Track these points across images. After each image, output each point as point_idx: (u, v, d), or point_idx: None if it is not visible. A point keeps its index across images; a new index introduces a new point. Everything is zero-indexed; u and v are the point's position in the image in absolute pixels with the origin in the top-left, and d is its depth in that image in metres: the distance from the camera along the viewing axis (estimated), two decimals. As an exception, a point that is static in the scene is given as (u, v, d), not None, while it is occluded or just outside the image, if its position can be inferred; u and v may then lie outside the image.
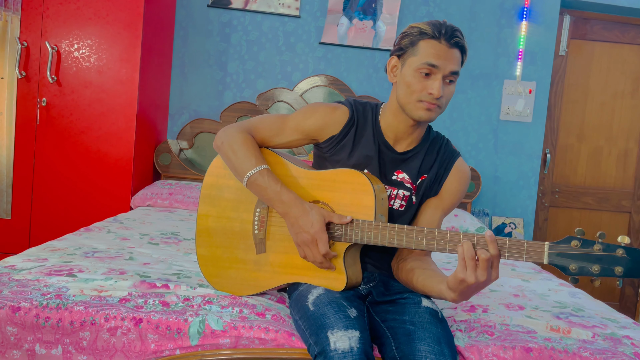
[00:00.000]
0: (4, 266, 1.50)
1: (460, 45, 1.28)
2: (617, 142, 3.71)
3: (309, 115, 1.38)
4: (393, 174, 1.39)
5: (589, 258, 1.06)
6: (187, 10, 3.37)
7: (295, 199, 1.27)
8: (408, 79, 1.29)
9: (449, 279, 1.13)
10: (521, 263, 2.22)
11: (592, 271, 1.06)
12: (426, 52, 1.26)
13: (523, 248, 1.09)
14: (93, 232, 2.08)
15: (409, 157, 1.39)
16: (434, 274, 1.25)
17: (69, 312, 1.26)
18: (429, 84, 1.27)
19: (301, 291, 1.29)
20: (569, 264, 1.07)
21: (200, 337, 1.24)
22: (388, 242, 1.23)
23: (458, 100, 3.47)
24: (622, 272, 1.04)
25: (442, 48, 1.26)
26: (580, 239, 1.07)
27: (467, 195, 3.34)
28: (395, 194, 1.38)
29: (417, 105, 1.28)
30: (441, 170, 1.40)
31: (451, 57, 1.26)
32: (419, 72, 1.27)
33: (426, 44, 1.27)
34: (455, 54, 1.27)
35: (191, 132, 3.30)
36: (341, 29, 3.38)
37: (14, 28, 2.82)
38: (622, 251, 1.04)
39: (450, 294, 1.14)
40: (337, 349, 1.08)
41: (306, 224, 1.24)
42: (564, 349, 1.26)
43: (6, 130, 2.85)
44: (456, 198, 1.41)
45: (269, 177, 1.30)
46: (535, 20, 3.46)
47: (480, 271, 1.08)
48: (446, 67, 1.26)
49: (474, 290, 1.11)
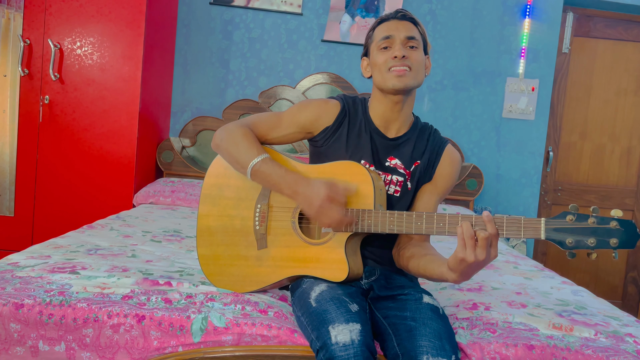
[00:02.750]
0: (7, 263, 1.51)
1: (409, 17, 1.39)
2: (620, 140, 3.70)
3: (302, 108, 1.45)
4: (386, 160, 1.43)
5: (584, 231, 1.09)
6: (189, 8, 3.37)
7: (300, 177, 1.30)
8: (374, 60, 1.40)
9: (449, 260, 1.16)
10: (524, 261, 2.21)
11: (588, 244, 1.09)
12: (380, 32, 1.40)
13: (520, 225, 1.12)
14: (96, 229, 2.08)
15: (400, 143, 1.44)
16: (434, 258, 1.28)
17: (72, 309, 1.26)
18: (390, 52, 1.36)
19: (304, 288, 1.30)
20: (565, 238, 1.10)
21: (202, 334, 1.25)
22: (388, 229, 1.25)
23: (460, 98, 3.47)
24: (617, 243, 1.07)
25: (391, 22, 1.39)
26: (575, 213, 1.10)
27: (470, 193, 3.34)
28: (390, 180, 1.42)
29: (388, 75, 1.36)
30: (432, 156, 1.45)
31: (402, 26, 1.37)
32: (380, 49, 1.38)
33: (379, 28, 1.41)
34: (406, 24, 1.38)
35: (193, 130, 3.31)
36: (343, 26, 3.38)
37: (16, 26, 2.82)
38: (616, 223, 1.08)
39: (452, 275, 1.17)
40: (338, 342, 1.09)
41: (314, 192, 1.26)
42: (567, 347, 1.25)
43: (9, 127, 2.85)
44: (450, 182, 1.47)
45: (272, 164, 1.33)
46: (538, 17, 3.44)
47: (480, 250, 1.10)
48: (399, 34, 1.36)
49: (474, 269, 1.14)
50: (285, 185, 1.30)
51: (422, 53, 1.39)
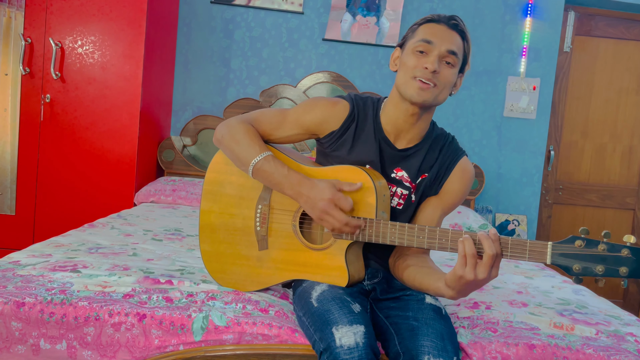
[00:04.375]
0: (9, 262, 1.51)
1: (460, 30, 1.28)
2: (622, 139, 3.69)
3: (308, 109, 1.37)
4: (392, 172, 1.37)
5: (593, 258, 1.03)
6: (190, 7, 3.37)
7: (303, 178, 1.26)
8: (405, 59, 1.29)
9: (447, 276, 1.12)
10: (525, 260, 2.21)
11: (596, 271, 1.03)
12: (423, 32, 1.28)
13: (525, 248, 1.08)
14: (97, 228, 2.08)
15: (409, 154, 1.36)
16: (432, 271, 1.24)
17: (73, 308, 1.26)
18: (423, 60, 1.25)
19: (305, 287, 1.29)
20: (572, 264, 1.05)
21: (203, 332, 1.25)
22: (389, 241, 1.22)
23: (462, 97, 3.46)
24: (627, 272, 1.01)
25: (439, 27, 1.27)
26: (585, 238, 1.04)
27: (471, 192, 3.33)
28: (394, 192, 1.36)
29: (411, 83, 1.26)
30: (442, 170, 1.37)
31: (448, 37, 1.26)
32: (415, 51, 1.27)
33: (425, 26, 1.29)
34: (453, 35, 1.27)
35: (194, 129, 3.31)
36: (344, 25, 3.37)
37: (17, 24, 2.82)
38: (628, 251, 1.01)
39: (449, 292, 1.14)
40: (342, 345, 1.08)
41: (319, 194, 1.22)
42: (568, 346, 1.25)
43: (10, 126, 2.85)
44: (457, 198, 1.38)
45: (274, 162, 1.28)
46: (539, 16, 3.44)
47: (481, 269, 1.07)
48: (442, 45, 1.25)
49: (472, 288, 1.11)
50: (288, 185, 1.26)
51: (456, 71, 1.28)
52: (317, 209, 1.22)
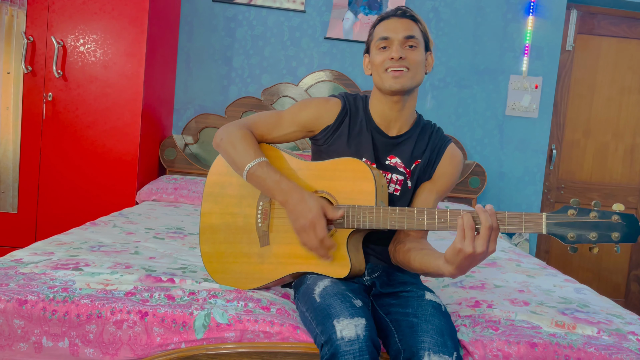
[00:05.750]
0: (11, 260, 1.51)
1: (409, 15, 1.38)
2: (624, 138, 3.68)
3: (303, 107, 1.45)
4: (386, 159, 1.43)
5: (586, 226, 1.09)
6: (192, 5, 3.37)
7: (294, 187, 1.30)
8: (373, 59, 1.39)
9: (446, 252, 1.17)
10: (526, 259, 2.21)
11: (590, 238, 1.09)
12: (378, 31, 1.38)
13: (522, 220, 1.13)
14: (99, 226, 2.09)
15: (401, 141, 1.43)
16: (431, 251, 1.29)
17: (75, 306, 1.26)
18: (387, 53, 1.35)
19: (308, 285, 1.30)
20: (567, 233, 1.10)
21: (205, 330, 1.25)
22: (390, 225, 1.26)
23: (463, 95, 3.46)
24: (619, 237, 1.07)
25: (390, 21, 1.37)
26: (577, 207, 1.10)
27: (472, 190, 3.33)
28: (390, 178, 1.42)
29: (385, 76, 1.35)
30: (433, 155, 1.45)
31: (400, 26, 1.36)
32: (378, 49, 1.37)
33: (378, 26, 1.40)
34: (405, 22, 1.37)
35: (196, 127, 3.31)
36: (346, 23, 3.37)
37: (19, 23, 2.82)
38: (618, 217, 1.08)
39: (448, 268, 1.18)
40: (343, 337, 1.09)
41: (304, 210, 1.27)
42: (569, 345, 1.25)
43: (12, 125, 2.86)
44: (450, 181, 1.46)
45: (267, 168, 1.33)
46: (542, 14, 3.43)
47: (479, 241, 1.11)
48: (398, 34, 1.35)
49: (471, 263, 1.15)
50: (278, 191, 1.31)
51: (421, 52, 1.37)
52: (297, 223, 1.28)
